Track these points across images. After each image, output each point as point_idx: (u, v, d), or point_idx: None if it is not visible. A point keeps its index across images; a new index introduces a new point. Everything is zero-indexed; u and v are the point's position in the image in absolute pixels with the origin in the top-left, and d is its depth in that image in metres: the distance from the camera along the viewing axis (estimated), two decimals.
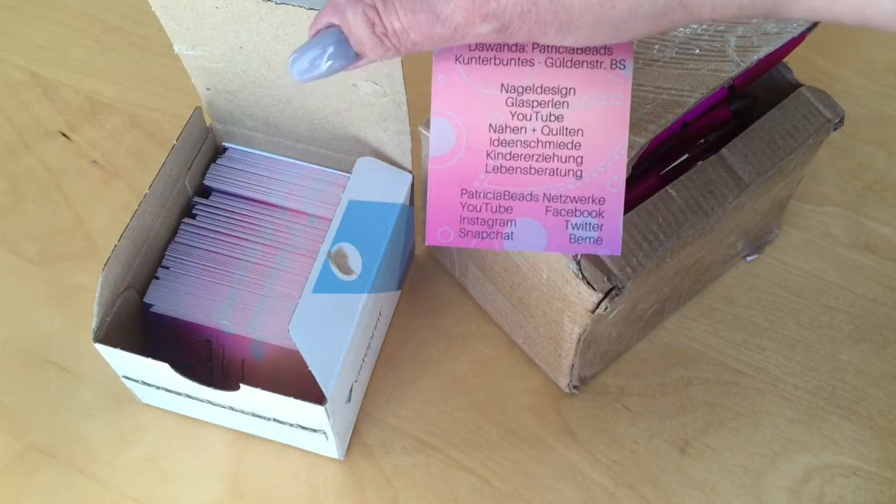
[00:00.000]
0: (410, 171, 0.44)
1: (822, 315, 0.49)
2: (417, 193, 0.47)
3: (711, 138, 0.43)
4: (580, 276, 0.38)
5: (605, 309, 0.38)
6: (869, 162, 0.54)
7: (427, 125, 0.41)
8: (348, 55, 0.28)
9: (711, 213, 0.40)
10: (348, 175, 0.45)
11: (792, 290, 0.50)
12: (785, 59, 0.44)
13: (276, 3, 0.36)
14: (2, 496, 0.44)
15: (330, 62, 0.28)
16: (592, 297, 0.38)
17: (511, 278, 0.44)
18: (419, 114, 0.40)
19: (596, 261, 0.38)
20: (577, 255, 0.37)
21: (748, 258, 0.50)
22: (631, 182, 0.41)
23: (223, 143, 0.48)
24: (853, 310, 0.49)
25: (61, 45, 0.59)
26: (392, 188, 0.44)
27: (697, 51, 0.40)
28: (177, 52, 0.42)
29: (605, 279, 0.38)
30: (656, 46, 0.40)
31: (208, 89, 0.45)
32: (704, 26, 0.40)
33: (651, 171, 0.42)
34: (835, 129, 0.43)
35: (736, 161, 0.41)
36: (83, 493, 0.44)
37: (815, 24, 0.40)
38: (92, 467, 0.44)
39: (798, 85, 0.44)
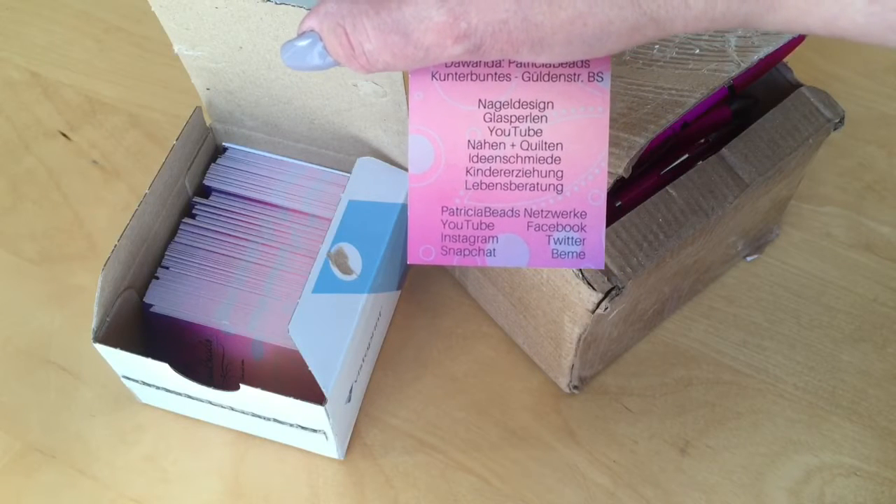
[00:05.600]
0: None
1: (823, 315, 0.49)
2: None
3: (711, 138, 0.43)
4: (580, 275, 0.38)
5: (605, 309, 0.38)
6: (869, 162, 0.54)
7: None
8: (326, 59, 0.28)
9: (711, 213, 0.40)
10: (348, 175, 0.45)
11: (792, 290, 0.50)
12: (785, 59, 0.44)
13: (276, 3, 0.36)
14: (2, 496, 0.44)
15: (311, 61, 0.28)
16: (592, 297, 0.38)
17: (511, 278, 0.43)
18: None
19: None
20: None
21: (748, 258, 0.50)
22: (631, 182, 0.41)
23: (223, 143, 0.48)
24: (853, 310, 0.49)
25: (61, 45, 0.59)
26: (392, 188, 0.44)
27: (697, 51, 0.40)
28: (177, 52, 0.42)
29: (605, 279, 0.38)
30: (656, 46, 0.40)
31: (208, 89, 0.45)
32: None
33: (651, 171, 0.42)
34: (835, 129, 0.43)
35: (736, 161, 0.41)
36: (83, 494, 0.44)
37: None
38: (92, 467, 0.44)
39: (798, 85, 0.44)
